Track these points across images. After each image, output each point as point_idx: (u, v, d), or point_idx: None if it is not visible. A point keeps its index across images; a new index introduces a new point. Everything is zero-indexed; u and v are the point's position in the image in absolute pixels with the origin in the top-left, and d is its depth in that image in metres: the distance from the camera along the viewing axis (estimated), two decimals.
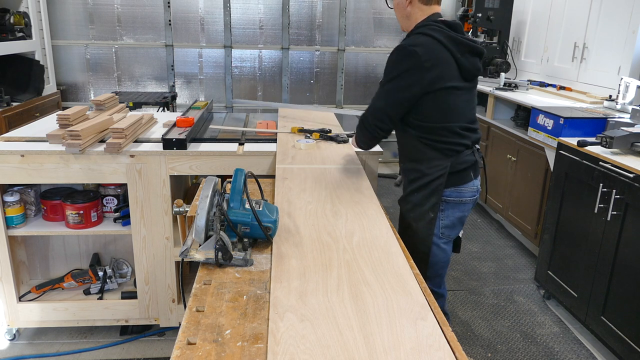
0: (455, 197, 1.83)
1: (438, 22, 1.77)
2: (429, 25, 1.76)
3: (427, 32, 1.74)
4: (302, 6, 5.17)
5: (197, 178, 2.93)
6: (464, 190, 1.84)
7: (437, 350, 0.97)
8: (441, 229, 1.86)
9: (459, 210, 1.86)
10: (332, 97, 5.45)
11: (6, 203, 2.24)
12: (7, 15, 3.94)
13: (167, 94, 4.28)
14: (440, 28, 1.74)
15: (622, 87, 3.12)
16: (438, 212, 1.83)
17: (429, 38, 1.72)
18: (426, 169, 1.81)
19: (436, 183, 1.80)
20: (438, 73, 1.70)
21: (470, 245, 3.68)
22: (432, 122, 1.77)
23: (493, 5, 4.40)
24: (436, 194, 1.81)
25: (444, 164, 1.79)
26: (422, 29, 1.77)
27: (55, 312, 2.40)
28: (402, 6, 1.83)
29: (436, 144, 1.79)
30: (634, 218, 2.21)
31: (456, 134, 1.79)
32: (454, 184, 1.81)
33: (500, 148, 3.84)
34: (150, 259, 2.35)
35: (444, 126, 1.77)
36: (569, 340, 2.60)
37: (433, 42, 1.71)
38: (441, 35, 1.72)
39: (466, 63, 1.76)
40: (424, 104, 1.74)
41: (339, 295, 1.14)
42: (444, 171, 1.78)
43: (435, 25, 1.75)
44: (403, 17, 1.86)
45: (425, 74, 1.69)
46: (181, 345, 0.99)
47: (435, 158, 1.80)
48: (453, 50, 1.72)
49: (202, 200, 1.30)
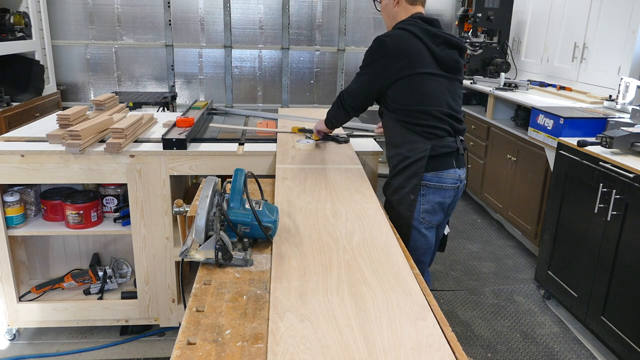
0: (436, 182, 1.89)
1: (415, 18, 1.91)
2: (405, 21, 1.92)
3: (402, 27, 1.89)
4: (302, 6, 5.17)
5: (197, 178, 2.93)
6: (444, 176, 1.90)
7: (437, 350, 0.97)
8: (422, 214, 1.90)
9: (439, 196, 1.91)
10: (332, 97, 5.44)
11: (6, 203, 2.24)
12: (7, 15, 3.94)
13: (167, 94, 4.28)
14: (416, 22, 1.88)
15: (622, 87, 3.12)
16: (419, 195, 1.88)
17: (402, 31, 1.87)
18: (407, 152, 1.89)
19: (417, 165, 1.87)
20: (408, 61, 1.83)
21: (470, 245, 3.68)
22: (409, 105, 1.87)
23: (493, 5, 4.40)
24: (416, 176, 1.87)
25: (424, 147, 1.86)
26: (399, 24, 1.93)
27: (55, 312, 2.40)
28: (390, 6, 1.97)
29: (415, 127, 1.88)
30: (634, 218, 2.21)
31: (435, 118, 1.87)
32: (434, 168, 1.88)
33: (500, 148, 3.84)
34: (150, 259, 2.35)
35: (422, 109, 1.86)
36: (569, 340, 2.60)
37: (405, 33, 1.86)
38: (415, 28, 1.86)
39: (441, 53, 1.86)
40: (399, 89, 1.87)
41: (339, 295, 1.14)
42: (424, 154, 1.85)
43: (411, 20, 1.90)
44: (389, 17, 2.00)
45: (393, 62, 1.83)
46: (181, 345, 0.99)
47: (415, 141, 1.88)
48: (426, 41, 1.85)
49: (202, 200, 1.30)
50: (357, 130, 2.76)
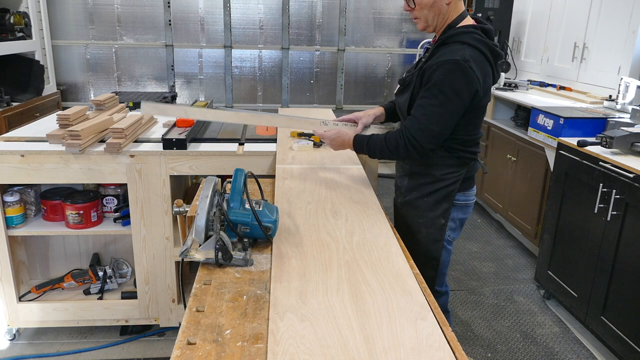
0: (463, 201, 1.82)
1: (477, 28, 1.64)
2: (470, 33, 1.62)
3: (471, 43, 1.59)
4: (302, 6, 5.17)
5: (197, 178, 2.93)
6: (469, 194, 1.84)
7: (437, 350, 0.97)
8: (447, 232, 1.84)
9: (462, 213, 1.85)
10: (332, 97, 5.45)
11: (6, 203, 2.24)
12: (7, 15, 3.94)
13: (167, 94, 4.27)
14: (482, 37, 1.62)
15: (622, 87, 3.12)
16: (448, 218, 1.80)
17: (476, 51, 1.59)
18: (440, 175, 1.75)
19: (450, 189, 1.76)
20: (486, 90, 1.64)
21: (470, 245, 3.68)
22: (465, 135, 1.70)
23: (493, 5, 4.40)
24: (448, 199, 1.77)
25: (460, 171, 1.75)
26: (464, 37, 1.61)
27: (55, 312, 2.40)
28: (441, 3, 1.65)
29: (459, 153, 1.73)
30: (634, 218, 2.21)
31: (477, 144, 1.77)
32: (463, 189, 1.80)
33: (500, 148, 3.84)
34: (150, 259, 2.35)
35: (476, 138, 1.75)
36: (569, 340, 2.60)
37: (480, 55, 1.59)
38: (484, 47, 1.61)
39: (497, 74, 1.70)
40: (465, 118, 1.66)
41: (339, 295, 1.14)
42: (459, 178, 1.75)
43: (475, 33, 1.62)
44: (436, 14, 1.67)
45: (478, 93, 1.60)
46: (181, 345, 0.99)
47: (452, 165, 1.74)
48: (492, 63, 1.65)
49: (202, 200, 1.30)
50: None
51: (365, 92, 5.50)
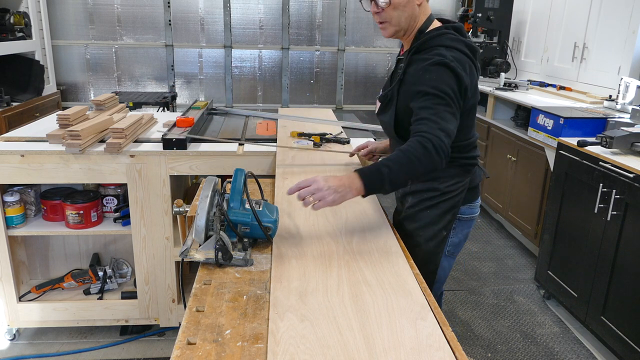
0: (468, 214, 1.73)
1: (449, 29, 1.58)
2: (444, 35, 1.56)
3: (448, 44, 1.54)
4: (302, 6, 5.17)
5: (197, 178, 2.92)
6: (474, 207, 1.75)
7: (437, 350, 0.97)
8: (448, 247, 1.74)
9: (467, 227, 1.76)
10: (332, 97, 5.45)
11: (6, 203, 2.24)
12: (7, 15, 3.94)
13: (167, 94, 4.28)
14: (456, 36, 1.57)
15: (622, 87, 3.12)
16: (450, 230, 1.71)
17: (456, 51, 1.53)
18: (444, 187, 1.64)
19: (454, 201, 1.66)
20: (474, 88, 1.58)
21: (470, 245, 3.68)
22: (462, 140, 1.60)
23: (493, 5, 4.40)
24: (452, 212, 1.67)
25: (464, 181, 1.66)
26: (439, 39, 1.56)
27: (55, 312, 2.40)
28: (413, 4, 1.57)
29: (460, 161, 1.63)
30: (634, 218, 2.21)
31: (475, 147, 1.69)
32: (468, 200, 1.70)
33: (500, 148, 3.84)
34: (150, 259, 2.35)
35: (472, 141, 1.67)
36: (569, 340, 2.60)
37: (461, 55, 1.54)
38: (462, 46, 1.55)
39: (478, 70, 1.63)
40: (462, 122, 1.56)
41: (339, 295, 1.14)
42: (464, 188, 1.66)
43: (449, 34, 1.57)
44: (407, 17, 1.58)
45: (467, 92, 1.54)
46: (181, 345, 0.99)
47: (455, 175, 1.64)
48: (473, 59, 1.58)
49: (202, 200, 1.30)
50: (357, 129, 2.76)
51: (365, 92, 5.50)
